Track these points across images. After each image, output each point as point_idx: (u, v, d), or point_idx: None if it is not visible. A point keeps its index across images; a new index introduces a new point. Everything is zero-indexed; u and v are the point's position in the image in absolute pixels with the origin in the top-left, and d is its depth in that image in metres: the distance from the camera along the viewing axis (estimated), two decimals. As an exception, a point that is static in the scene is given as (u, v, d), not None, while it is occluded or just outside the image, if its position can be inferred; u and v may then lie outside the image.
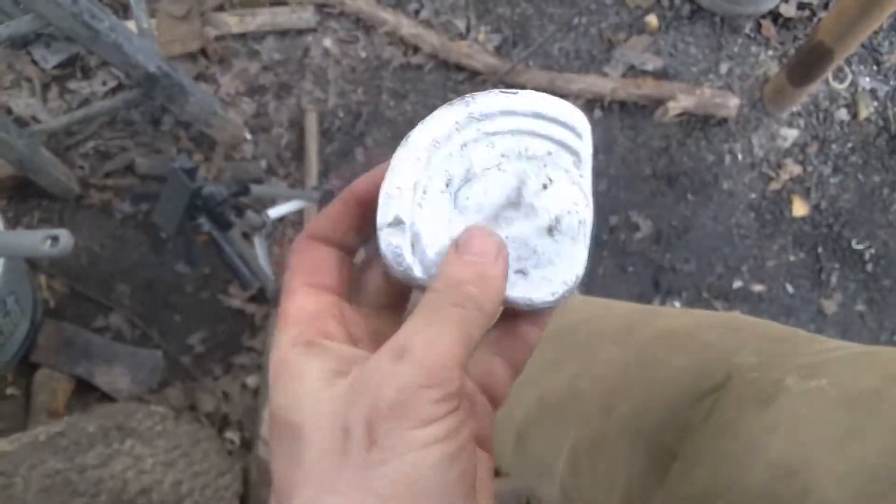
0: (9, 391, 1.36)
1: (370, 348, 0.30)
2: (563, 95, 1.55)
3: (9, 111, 1.46)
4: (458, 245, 0.31)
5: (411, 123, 1.53)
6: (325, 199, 1.37)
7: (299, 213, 1.46)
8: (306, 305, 0.32)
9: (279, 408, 0.29)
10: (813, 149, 1.59)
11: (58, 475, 0.95)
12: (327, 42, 1.57)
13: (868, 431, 0.40)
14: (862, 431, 0.40)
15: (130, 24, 1.26)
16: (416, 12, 1.59)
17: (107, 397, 1.37)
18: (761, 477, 0.42)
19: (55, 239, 0.90)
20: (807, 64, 1.41)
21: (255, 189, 1.19)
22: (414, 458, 0.26)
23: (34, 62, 1.50)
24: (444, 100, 1.56)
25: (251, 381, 1.38)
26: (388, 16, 1.54)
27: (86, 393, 1.38)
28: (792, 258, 1.55)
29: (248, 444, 1.34)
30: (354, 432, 0.26)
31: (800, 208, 1.57)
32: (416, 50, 1.56)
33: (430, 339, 0.28)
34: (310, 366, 0.29)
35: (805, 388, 0.44)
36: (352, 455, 0.26)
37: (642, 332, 0.59)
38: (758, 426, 0.44)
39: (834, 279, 1.55)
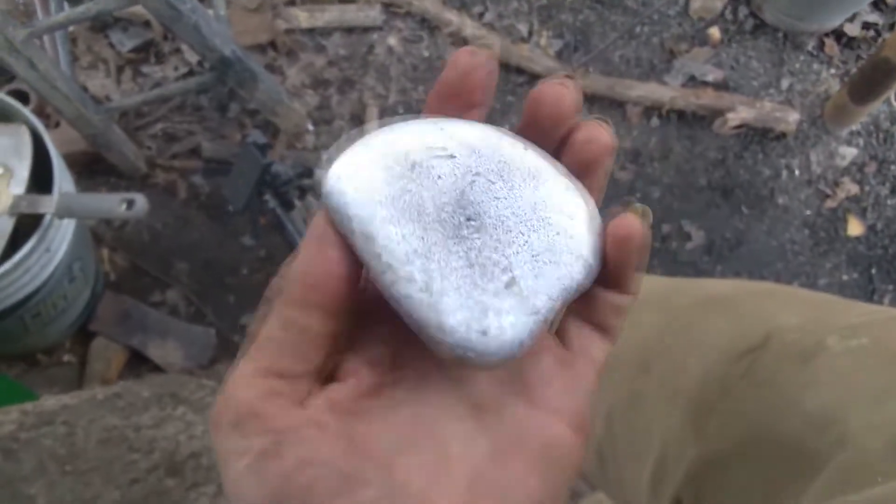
0: (65, 358, 1.41)
1: None
2: (621, 102, 1.57)
3: (84, 89, 1.52)
4: None
5: (469, 122, 1.55)
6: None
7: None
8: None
9: None
10: (871, 169, 1.58)
11: (115, 430, 0.98)
12: (392, 40, 1.60)
13: None
14: None
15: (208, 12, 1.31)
16: (481, 15, 1.62)
17: (158, 370, 1.41)
18: (797, 428, 0.43)
19: (131, 202, 0.95)
20: (870, 81, 1.40)
21: (318, 173, 1.23)
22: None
23: (111, 45, 1.56)
24: (503, 101, 1.59)
25: (299, 363, 1.41)
26: (453, 17, 1.58)
27: (138, 364, 1.42)
28: (845, 278, 1.54)
29: (292, 425, 1.36)
30: None
31: (855, 228, 1.55)
32: (478, 51, 1.59)
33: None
34: None
35: (846, 347, 0.45)
36: None
37: (682, 298, 0.60)
38: (796, 382, 0.45)
39: (887, 301, 1.53)
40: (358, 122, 1.55)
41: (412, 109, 1.57)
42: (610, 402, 0.58)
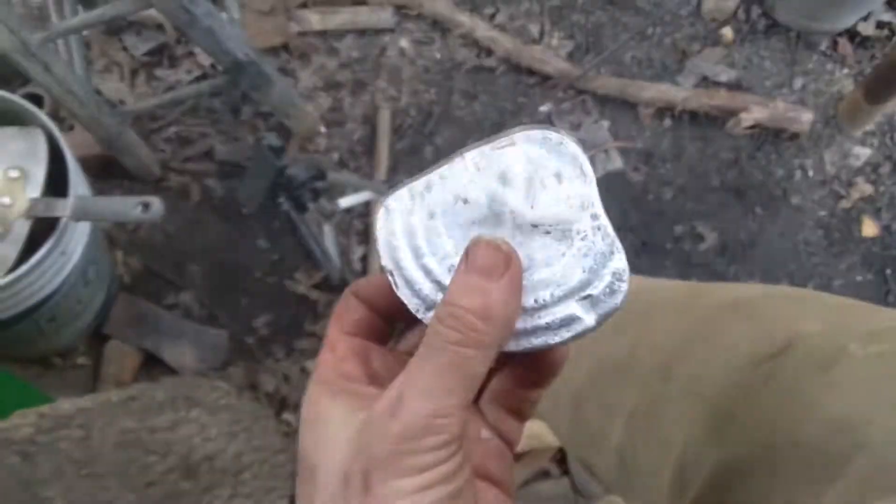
0: (80, 360, 1.41)
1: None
2: (633, 103, 1.56)
3: (98, 93, 1.52)
4: (466, 257, 0.30)
5: (480, 124, 1.55)
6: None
7: (366, 206, 1.49)
8: (336, 349, 0.33)
9: (303, 449, 0.31)
10: (886, 169, 1.57)
11: (131, 433, 0.99)
12: (404, 42, 1.61)
13: None
14: None
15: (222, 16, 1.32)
16: (492, 16, 1.63)
17: (171, 372, 1.41)
18: (815, 433, 0.43)
19: (147, 205, 0.95)
20: (885, 80, 1.40)
21: (331, 176, 1.23)
22: None
23: (125, 49, 1.57)
24: (514, 102, 1.59)
25: (311, 365, 1.41)
26: (465, 19, 1.58)
27: (151, 367, 1.42)
28: (859, 279, 1.53)
29: (304, 427, 1.36)
30: (353, 481, 0.28)
31: (870, 229, 1.54)
32: (490, 53, 1.59)
33: (424, 387, 0.28)
34: (333, 408, 0.31)
35: (868, 353, 0.44)
36: (350, 502, 0.28)
37: (703, 301, 0.60)
38: (817, 387, 0.45)
39: (902, 303, 1.52)
40: (370, 125, 1.55)
41: (423, 111, 1.57)
42: (630, 406, 0.58)
